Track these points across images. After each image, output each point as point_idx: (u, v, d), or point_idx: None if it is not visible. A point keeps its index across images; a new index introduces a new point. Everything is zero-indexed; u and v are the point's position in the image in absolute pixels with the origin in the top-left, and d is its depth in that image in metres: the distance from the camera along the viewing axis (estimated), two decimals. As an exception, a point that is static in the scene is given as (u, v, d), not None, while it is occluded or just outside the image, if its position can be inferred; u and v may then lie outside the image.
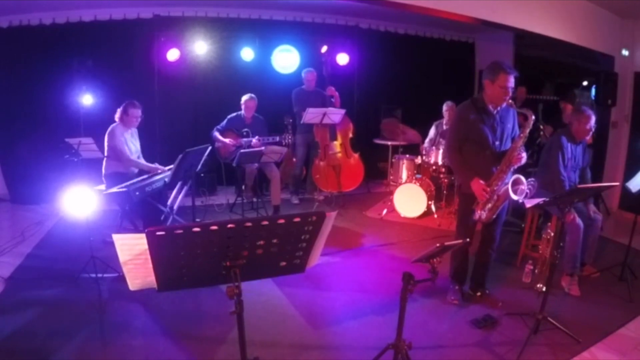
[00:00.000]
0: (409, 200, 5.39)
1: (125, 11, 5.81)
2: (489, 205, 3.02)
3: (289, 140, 5.44)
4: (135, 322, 3.00)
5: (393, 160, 6.04)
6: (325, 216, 1.59)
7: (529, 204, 2.98)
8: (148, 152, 4.67)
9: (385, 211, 5.55)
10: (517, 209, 4.78)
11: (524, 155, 2.98)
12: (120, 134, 4.22)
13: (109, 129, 4.25)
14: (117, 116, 4.29)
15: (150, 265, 1.47)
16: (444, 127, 5.57)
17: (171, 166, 4.24)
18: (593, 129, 3.63)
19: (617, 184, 4.53)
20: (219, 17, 6.24)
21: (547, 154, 3.73)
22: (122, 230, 4.41)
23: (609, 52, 5.69)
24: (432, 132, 5.74)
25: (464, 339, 2.90)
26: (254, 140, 5.30)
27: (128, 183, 3.88)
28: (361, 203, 6.06)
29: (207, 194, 6.08)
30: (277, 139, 5.29)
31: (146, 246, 1.40)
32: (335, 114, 5.38)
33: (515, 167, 2.99)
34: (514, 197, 2.85)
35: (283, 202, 5.58)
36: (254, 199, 5.35)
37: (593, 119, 3.56)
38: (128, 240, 1.47)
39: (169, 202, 4.57)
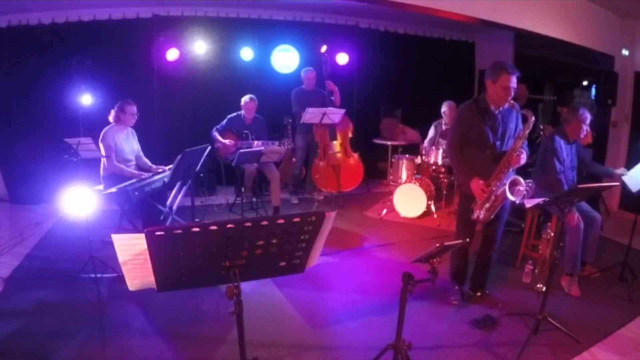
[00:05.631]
0: (409, 200, 5.38)
1: (125, 11, 5.80)
2: (487, 205, 3.01)
3: (289, 145, 5.42)
4: (134, 322, 3.00)
5: (393, 160, 6.03)
6: (324, 216, 1.59)
7: (529, 204, 2.98)
8: (147, 152, 4.66)
9: (385, 211, 5.55)
10: (517, 209, 4.77)
11: (524, 155, 2.97)
12: (111, 137, 4.16)
13: (102, 132, 4.18)
14: (111, 117, 4.23)
15: (150, 266, 1.46)
16: (443, 127, 5.56)
17: (170, 166, 4.23)
18: (588, 129, 3.64)
19: (617, 184, 4.51)
20: (218, 17, 6.23)
21: (543, 154, 3.73)
22: (121, 230, 4.40)
23: (609, 52, 5.69)
24: (431, 132, 5.74)
25: (464, 339, 2.90)
26: (255, 143, 5.27)
27: (127, 183, 3.87)
28: (361, 203, 6.05)
29: (206, 194, 6.07)
30: (277, 144, 5.26)
31: (145, 246, 1.40)
32: (335, 114, 5.37)
33: (515, 167, 2.99)
34: (511, 197, 2.84)
35: (282, 202, 5.57)
36: (254, 199, 5.34)
37: (589, 119, 3.57)
38: (127, 240, 1.47)
39: (168, 202, 4.56)
